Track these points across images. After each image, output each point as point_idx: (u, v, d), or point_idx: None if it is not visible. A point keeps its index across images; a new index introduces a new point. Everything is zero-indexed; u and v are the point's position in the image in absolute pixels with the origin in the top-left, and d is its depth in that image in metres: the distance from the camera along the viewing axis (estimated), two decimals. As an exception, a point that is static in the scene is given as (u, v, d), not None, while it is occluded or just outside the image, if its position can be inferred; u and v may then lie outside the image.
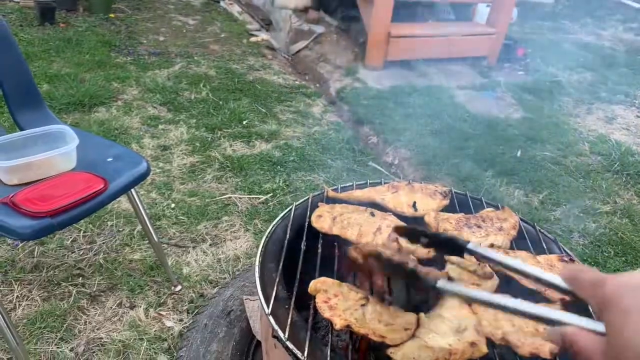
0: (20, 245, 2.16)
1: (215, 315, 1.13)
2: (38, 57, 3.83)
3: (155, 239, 2.03)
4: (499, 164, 3.25)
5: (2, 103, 1.86)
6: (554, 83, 4.67)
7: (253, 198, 2.68)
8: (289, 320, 0.82)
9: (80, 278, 2.05)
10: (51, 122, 1.82)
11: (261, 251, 0.99)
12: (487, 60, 4.92)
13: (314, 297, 0.85)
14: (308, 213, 1.08)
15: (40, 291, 1.97)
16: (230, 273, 2.14)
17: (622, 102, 4.47)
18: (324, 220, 1.04)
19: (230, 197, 2.66)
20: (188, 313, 1.95)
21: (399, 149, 3.33)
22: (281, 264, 0.94)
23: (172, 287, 2.05)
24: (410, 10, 5.11)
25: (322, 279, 0.88)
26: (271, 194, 2.70)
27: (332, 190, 1.19)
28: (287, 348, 0.78)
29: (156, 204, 2.51)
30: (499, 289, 0.91)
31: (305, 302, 0.87)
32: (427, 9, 5.38)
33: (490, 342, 0.81)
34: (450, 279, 0.90)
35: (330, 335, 0.80)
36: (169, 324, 1.90)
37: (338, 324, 0.79)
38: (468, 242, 0.75)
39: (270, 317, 0.82)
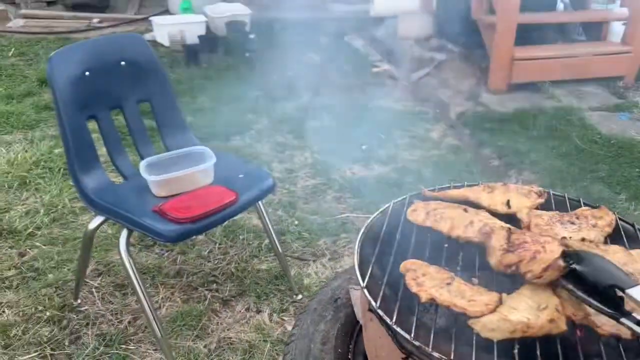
0: (166, 254, 2.47)
1: (324, 302, 1.25)
2: (184, 93, 4.34)
3: (280, 251, 2.22)
4: (633, 187, 3.04)
5: (153, 133, 2.18)
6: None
7: (369, 216, 2.78)
8: (381, 293, 0.92)
9: (215, 284, 2.29)
10: (194, 144, 2.10)
11: (360, 238, 1.10)
12: (623, 81, 4.61)
13: (404, 276, 0.94)
14: (405, 208, 1.18)
15: (181, 294, 2.24)
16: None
17: None
18: (418, 214, 1.13)
19: (348, 217, 2.79)
20: (301, 314, 2.09)
21: (522, 171, 3.25)
22: (377, 250, 1.04)
23: (294, 296, 2.22)
24: (538, 33, 4.98)
25: (412, 260, 0.97)
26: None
27: (428, 190, 1.27)
28: (379, 316, 0.88)
29: (282, 221, 2.72)
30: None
31: (396, 281, 0.96)
32: (555, 31, 5.20)
33: (570, 323, 0.84)
34: None
35: (417, 308, 0.88)
36: (290, 328, 2.05)
37: (423, 297, 0.87)
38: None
39: (365, 290, 0.93)
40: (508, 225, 1.04)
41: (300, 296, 2.22)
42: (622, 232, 1.09)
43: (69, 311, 2.14)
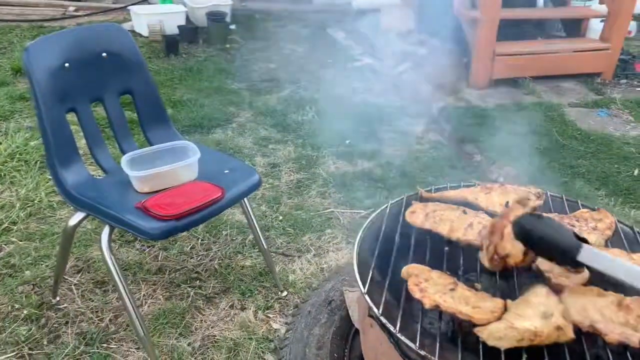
0: (147, 250, 2.41)
1: (317, 304, 1.23)
2: (164, 84, 4.25)
3: (265, 247, 2.19)
4: (612, 183, 3.09)
5: (133, 125, 2.13)
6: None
7: (354, 212, 2.78)
8: (383, 299, 0.90)
9: (198, 281, 2.25)
10: (177, 138, 2.05)
11: (359, 241, 1.08)
12: (601, 77, 4.67)
13: (406, 282, 0.92)
14: (402, 210, 1.16)
15: (163, 291, 2.19)
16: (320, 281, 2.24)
17: None
18: (417, 215, 1.11)
19: (333, 212, 2.77)
20: (293, 317, 2.07)
21: (504, 167, 3.27)
22: (376, 253, 1.02)
23: (279, 293, 2.19)
24: (518, 29, 5.01)
25: (414, 265, 0.95)
26: (372, 209, 2.78)
27: (425, 191, 1.26)
28: (381, 323, 0.86)
29: (266, 216, 2.68)
30: (589, 283, 0.92)
31: (397, 286, 0.94)
32: (535, 27, 5.24)
33: (577, 330, 0.83)
34: (539, 271, 0.93)
35: (421, 315, 0.86)
36: (275, 325, 2.03)
37: (427, 303, 0.85)
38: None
39: (366, 296, 0.91)
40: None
41: (285, 293, 2.19)
42: (622, 235, 1.09)
43: (47, 309, 2.08)
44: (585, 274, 0.94)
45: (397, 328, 0.85)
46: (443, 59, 4.74)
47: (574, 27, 5.08)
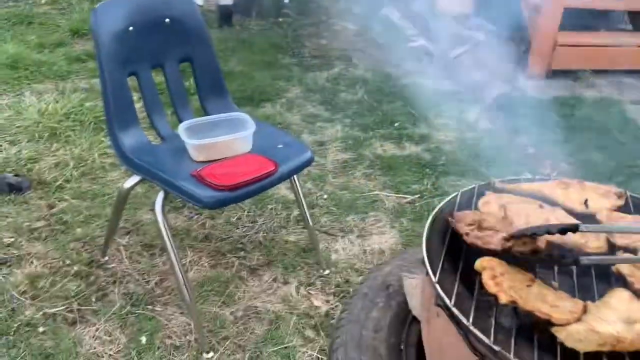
0: (195, 217, 2.45)
1: (374, 287, 1.21)
2: (216, 55, 4.26)
3: (311, 224, 2.19)
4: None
5: (190, 93, 2.14)
6: None
7: (400, 197, 2.74)
8: (455, 290, 0.87)
9: (242, 252, 2.27)
10: (233, 110, 2.05)
11: (428, 228, 1.05)
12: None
13: (478, 274, 0.89)
14: (474, 199, 1.12)
15: (209, 259, 2.22)
16: (375, 264, 2.22)
17: None
18: (491, 206, 1.07)
19: (378, 194, 2.74)
20: (334, 296, 2.08)
21: (558, 162, 3.17)
22: (447, 241, 1.00)
23: (321, 270, 2.19)
24: (582, 19, 4.79)
25: (489, 257, 0.92)
26: (418, 195, 2.74)
27: (499, 181, 1.22)
28: (452, 315, 0.84)
29: (311, 194, 2.68)
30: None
31: (469, 278, 0.92)
32: (600, 19, 5.01)
33: None
34: (619, 274, 0.89)
35: (495, 309, 0.84)
36: (316, 303, 2.04)
37: (503, 299, 0.83)
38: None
39: (437, 286, 0.88)
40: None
41: (327, 271, 2.19)
42: None
43: (96, 267, 2.14)
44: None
45: (471, 321, 0.82)
46: (501, 46, 4.59)
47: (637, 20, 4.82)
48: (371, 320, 1.10)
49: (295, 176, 2.04)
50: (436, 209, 1.12)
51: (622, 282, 0.92)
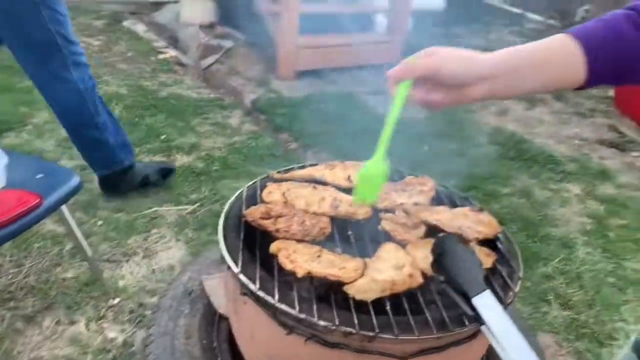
0: (-59, 275, 2.07)
1: (177, 297, 1.20)
2: None
3: (90, 254, 2.04)
4: (407, 159, 3.50)
5: None
6: (451, 83, 5.06)
7: (180, 209, 2.72)
8: (257, 275, 0.93)
9: (12, 302, 2.01)
10: (-28, 143, 1.79)
11: (222, 226, 1.09)
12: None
13: (275, 257, 0.97)
14: (259, 192, 1.20)
15: (-30, 320, 1.91)
16: (167, 281, 2.18)
17: (511, 97, 4.93)
18: (274, 195, 1.16)
19: (157, 211, 2.68)
20: (130, 323, 1.98)
21: (319, 152, 3.49)
22: (242, 234, 1.05)
23: (110, 300, 2.06)
24: (315, 23, 5.33)
25: (281, 240, 1.01)
26: (198, 204, 2.76)
27: (277, 172, 1.32)
28: (258, 298, 0.89)
29: (83, 223, 2.48)
30: (425, 236, 1.08)
31: (268, 264, 0.99)
32: (330, 21, 5.63)
33: (423, 275, 0.97)
34: (386, 231, 1.06)
35: (295, 284, 0.92)
36: (111, 335, 1.91)
37: (300, 272, 0.91)
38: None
39: (241, 275, 0.93)
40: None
41: (117, 300, 2.07)
42: (442, 195, 1.29)
43: None
44: (422, 228, 1.10)
45: (276, 298, 0.89)
46: (249, 52, 4.84)
47: (364, 21, 5.57)
48: (180, 328, 1.10)
49: (63, 206, 1.88)
50: (226, 207, 1.17)
51: (388, 237, 1.10)
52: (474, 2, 8.56)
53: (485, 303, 0.84)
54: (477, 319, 0.84)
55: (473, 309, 0.84)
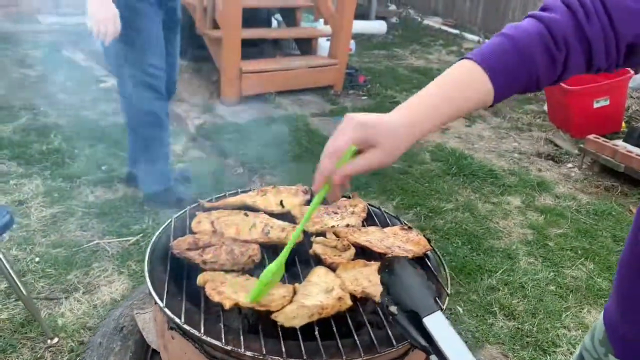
0: None
1: (108, 334, 1.16)
2: None
3: (25, 294, 1.95)
4: (352, 180, 3.55)
5: None
6: (387, 103, 5.18)
7: (123, 241, 2.66)
8: (183, 309, 0.91)
9: (-60, 349, 1.89)
10: None
11: (148, 259, 1.06)
12: (333, 89, 5.31)
13: (202, 289, 0.96)
14: (188, 222, 1.18)
15: None
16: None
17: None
18: (203, 225, 1.15)
19: (98, 243, 2.61)
20: (80, 354, 1.90)
21: (264, 176, 3.49)
22: (168, 267, 1.03)
23: (49, 340, 1.98)
24: (258, 48, 5.37)
25: (208, 272, 0.99)
26: (141, 234, 2.70)
27: (207, 201, 1.30)
28: (185, 332, 0.87)
29: (19, 260, 2.38)
30: (356, 257, 1.09)
31: (195, 295, 0.97)
32: (274, 46, 5.68)
33: (353, 297, 0.98)
34: (316, 255, 1.07)
35: (222, 315, 0.91)
36: (50, 377, 1.83)
37: (227, 304, 0.90)
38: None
39: (166, 309, 0.91)
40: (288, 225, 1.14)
41: (56, 339, 1.99)
42: (374, 215, 1.31)
43: None
44: (352, 250, 1.12)
45: (202, 331, 0.87)
46: (193, 78, 4.82)
47: (307, 46, 5.66)
48: (111, 367, 1.06)
49: (-6, 244, 1.80)
50: (153, 240, 1.15)
51: (319, 260, 1.11)
52: (414, 24, 8.88)
53: (437, 323, 0.82)
54: (425, 349, 0.82)
55: (423, 329, 0.82)
